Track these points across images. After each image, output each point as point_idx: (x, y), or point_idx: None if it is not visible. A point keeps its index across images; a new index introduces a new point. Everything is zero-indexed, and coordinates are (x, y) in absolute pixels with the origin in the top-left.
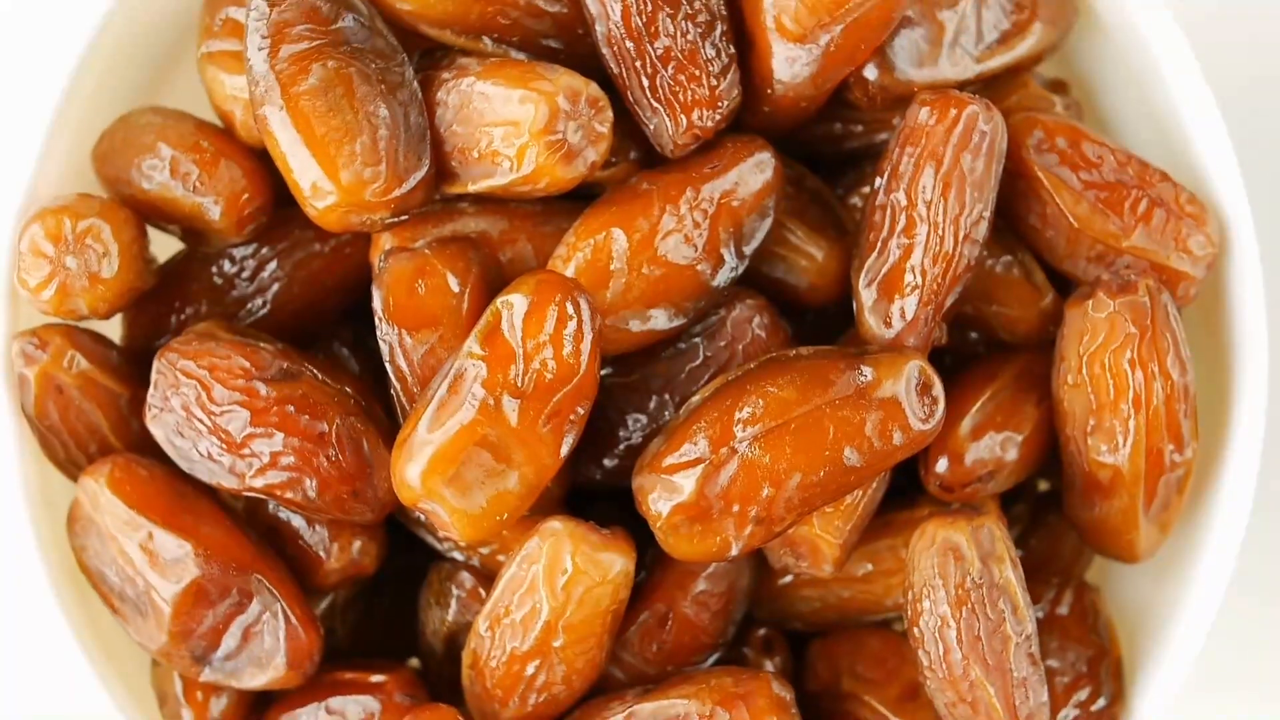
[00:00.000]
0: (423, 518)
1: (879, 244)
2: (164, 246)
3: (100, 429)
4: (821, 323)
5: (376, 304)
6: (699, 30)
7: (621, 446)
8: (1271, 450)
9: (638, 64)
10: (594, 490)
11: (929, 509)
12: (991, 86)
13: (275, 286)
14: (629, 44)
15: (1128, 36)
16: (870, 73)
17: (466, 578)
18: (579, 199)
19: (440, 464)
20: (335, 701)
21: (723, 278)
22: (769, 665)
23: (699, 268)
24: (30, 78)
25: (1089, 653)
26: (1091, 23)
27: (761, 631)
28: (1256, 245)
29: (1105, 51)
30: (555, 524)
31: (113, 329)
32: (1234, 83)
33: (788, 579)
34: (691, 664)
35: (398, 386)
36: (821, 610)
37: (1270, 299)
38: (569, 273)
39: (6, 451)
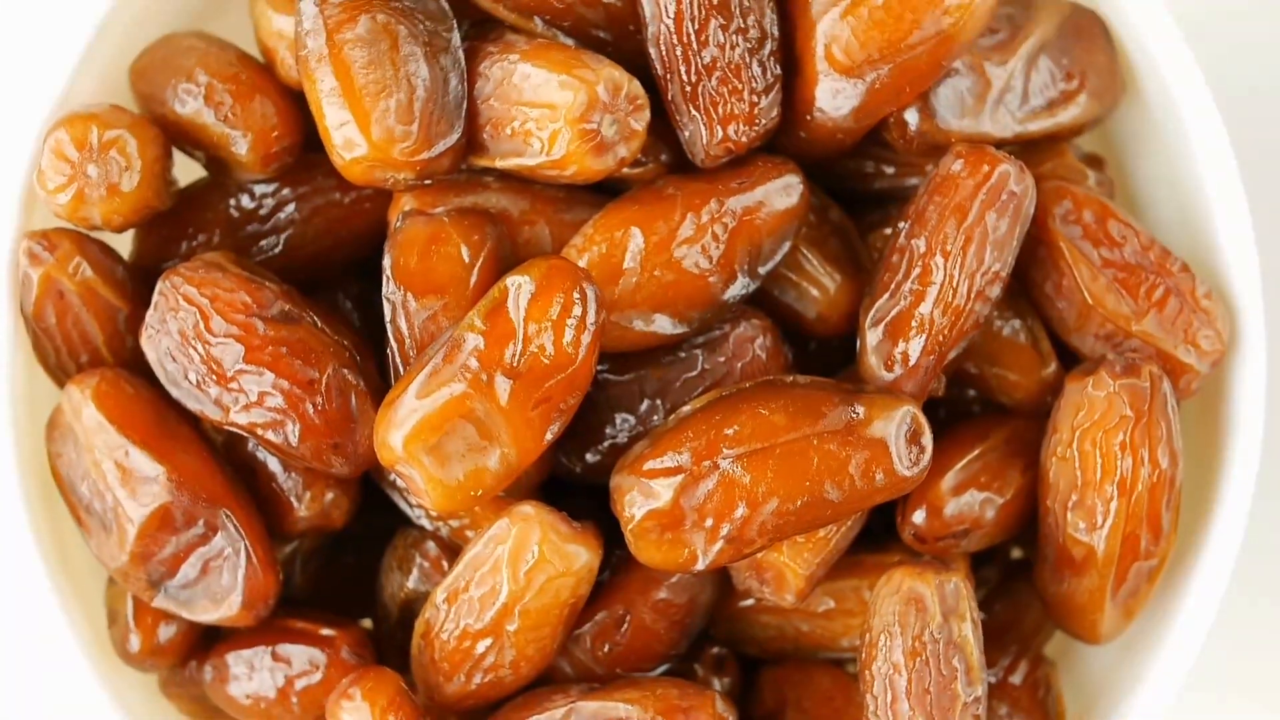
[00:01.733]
0: (399, 480)
1: (892, 286)
2: (187, 171)
3: (94, 340)
4: (823, 354)
5: (387, 263)
6: (748, 46)
7: (606, 444)
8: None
9: (682, 69)
10: (571, 483)
11: (899, 556)
12: (1029, 150)
13: (290, 229)
14: (677, 48)
15: (1170, 124)
16: (911, 116)
17: (431, 547)
18: (602, 192)
19: (424, 430)
20: (283, 648)
21: (733, 293)
22: (717, 684)
23: (711, 279)
24: None
25: None
26: (1137, 104)
27: (715, 650)
28: (1265, 351)
29: (1146, 133)
30: (527, 508)
31: (124, 245)
32: (1233, 88)
33: (749, 602)
34: (641, 670)
35: (395, 348)
36: (777, 639)
37: (1270, 307)
38: (582, 263)
39: None
